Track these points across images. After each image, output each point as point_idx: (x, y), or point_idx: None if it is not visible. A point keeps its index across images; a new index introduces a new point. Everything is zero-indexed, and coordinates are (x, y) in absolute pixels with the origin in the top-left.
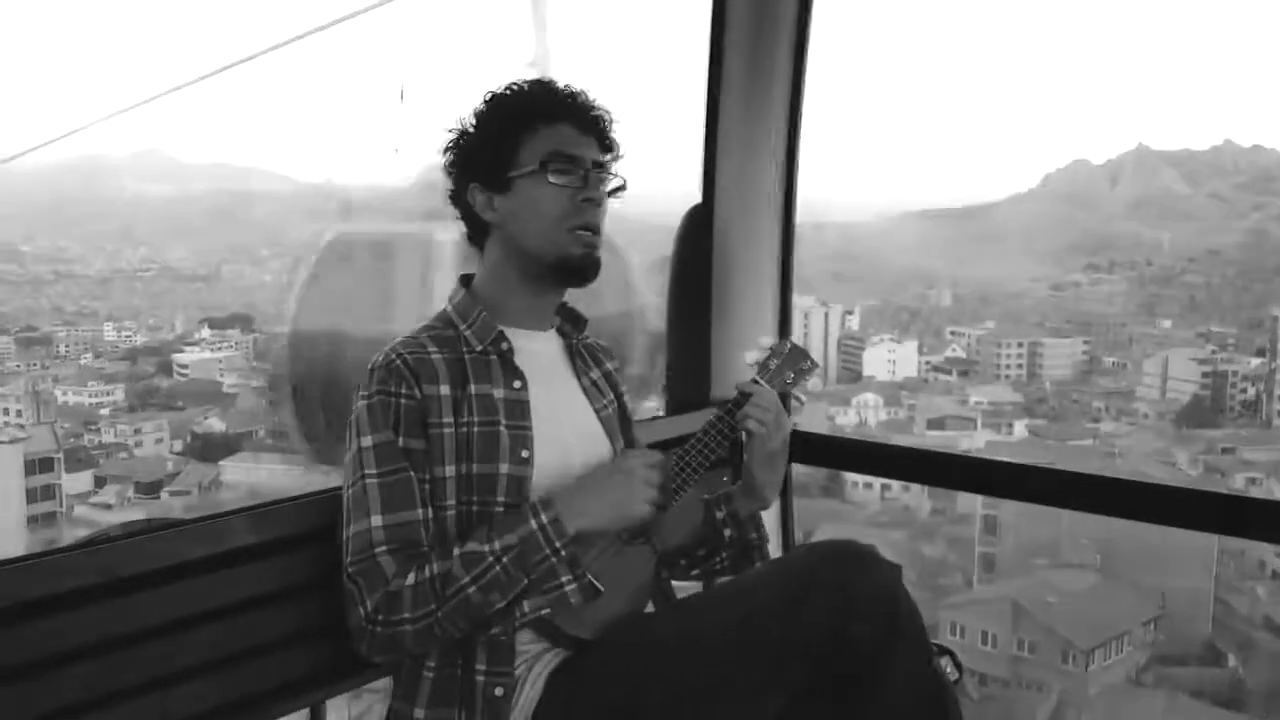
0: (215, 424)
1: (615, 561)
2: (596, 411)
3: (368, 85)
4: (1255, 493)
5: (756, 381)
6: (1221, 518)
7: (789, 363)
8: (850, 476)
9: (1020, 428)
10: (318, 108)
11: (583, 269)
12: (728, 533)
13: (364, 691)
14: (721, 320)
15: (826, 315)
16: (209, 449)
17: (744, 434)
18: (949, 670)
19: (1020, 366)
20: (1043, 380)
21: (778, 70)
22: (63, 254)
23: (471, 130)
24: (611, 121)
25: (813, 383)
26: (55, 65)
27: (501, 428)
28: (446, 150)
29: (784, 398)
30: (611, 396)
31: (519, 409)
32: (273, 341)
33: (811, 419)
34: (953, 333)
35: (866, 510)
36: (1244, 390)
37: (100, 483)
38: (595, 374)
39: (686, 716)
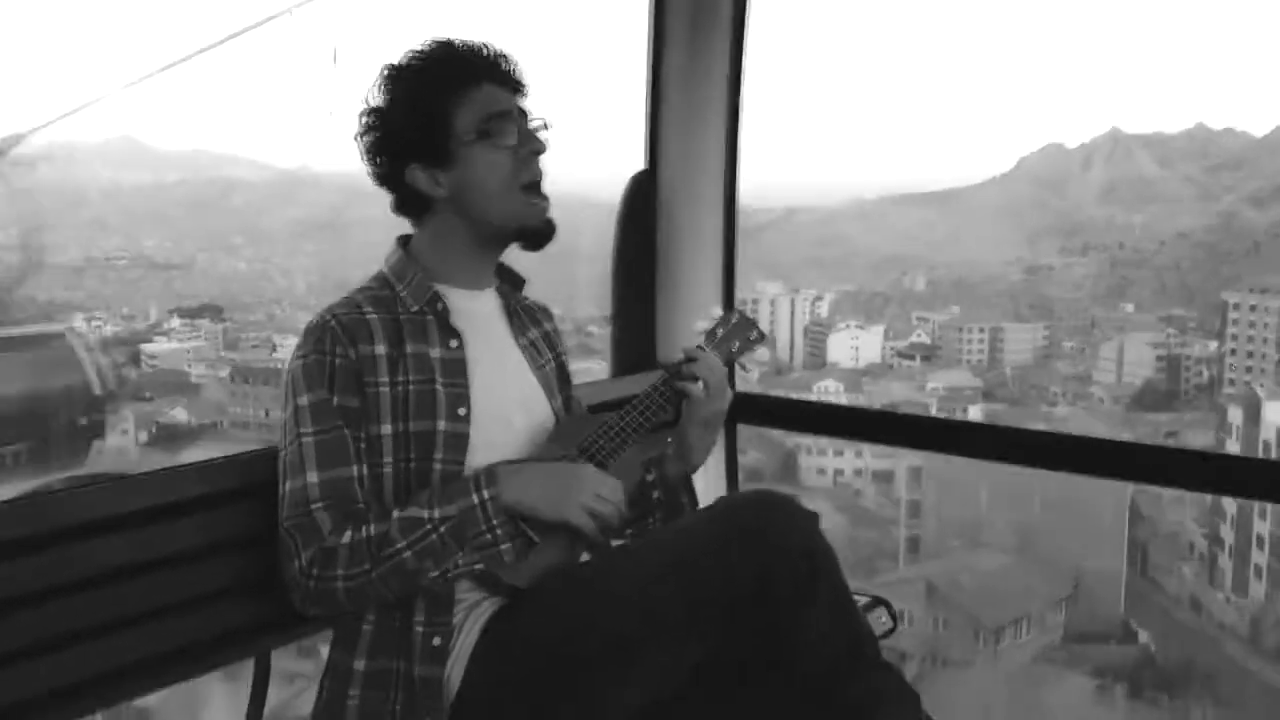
0: (180, 415)
1: (548, 534)
2: (535, 370)
3: (339, 66)
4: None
5: (702, 348)
6: (1141, 467)
7: (736, 332)
8: (804, 462)
9: (975, 411)
10: (292, 91)
11: (544, 233)
12: (656, 495)
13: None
14: (666, 284)
15: (793, 302)
16: (173, 440)
17: (683, 396)
18: (884, 620)
19: (982, 351)
20: (1003, 365)
21: (717, 36)
22: (35, 243)
23: (388, 108)
24: (518, 63)
25: (761, 354)
26: (29, 51)
27: (438, 386)
28: (365, 133)
29: (729, 367)
30: (550, 355)
31: (455, 367)
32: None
33: None
34: (918, 318)
35: (816, 495)
36: (1199, 374)
37: None
38: (534, 333)
39: (616, 659)
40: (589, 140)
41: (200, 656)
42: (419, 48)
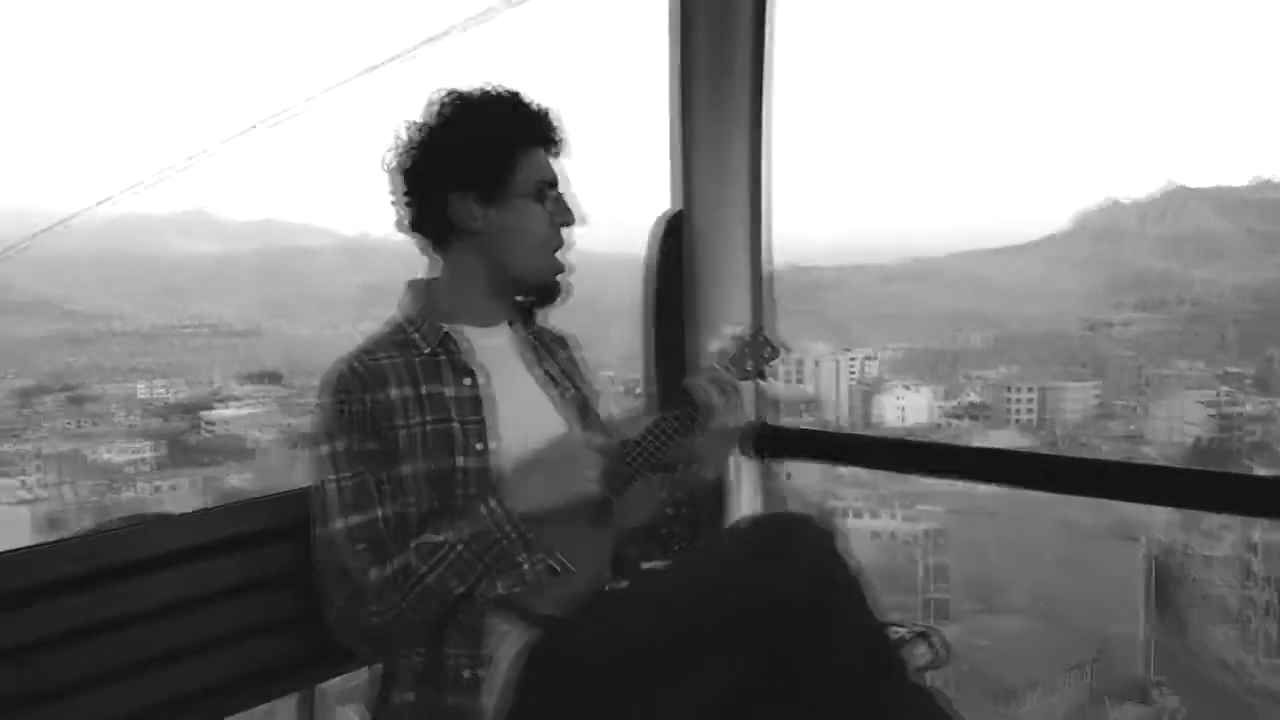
0: (235, 481)
1: (573, 540)
2: (557, 398)
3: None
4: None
5: (717, 366)
6: (1183, 490)
7: (753, 350)
8: (842, 508)
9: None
10: (353, 159)
11: (558, 294)
12: (670, 511)
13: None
14: (695, 322)
15: (838, 362)
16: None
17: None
18: (924, 652)
19: (1031, 411)
20: (1053, 424)
21: (740, 73)
22: (108, 311)
23: (449, 133)
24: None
25: (803, 391)
26: (100, 125)
27: (454, 424)
28: (414, 146)
29: (748, 381)
30: (569, 384)
31: (471, 405)
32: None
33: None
34: (967, 377)
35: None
36: (1252, 433)
37: None
38: (551, 366)
39: (642, 685)
40: (615, 186)
41: (249, 690)
42: (486, 88)
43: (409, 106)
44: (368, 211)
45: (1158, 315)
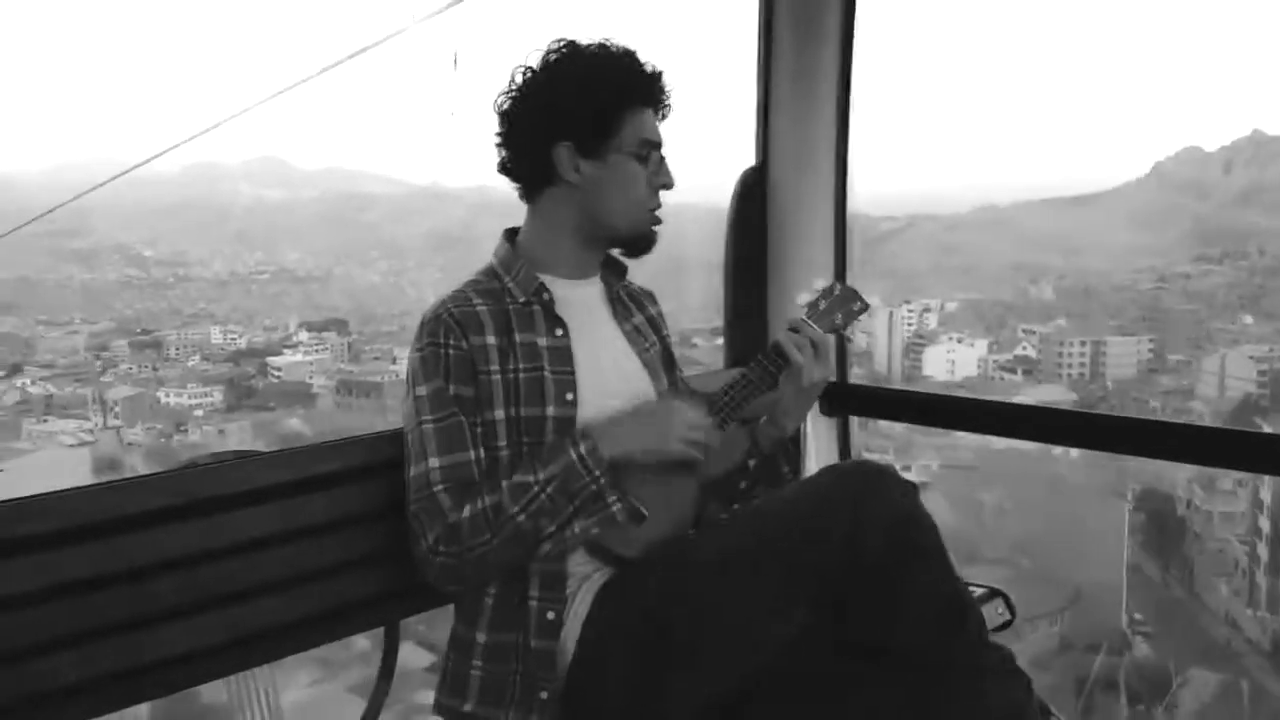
0: (296, 425)
1: (659, 487)
2: (639, 354)
3: (478, 72)
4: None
5: (804, 320)
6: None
7: (839, 304)
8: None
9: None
10: (421, 106)
11: (649, 246)
12: (751, 463)
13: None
14: (778, 280)
15: (891, 314)
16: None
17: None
18: (1001, 612)
19: (1084, 365)
20: (1105, 379)
21: (828, 29)
22: (182, 258)
23: (564, 85)
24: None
25: (864, 324)
26: (171, 73)
27: (546, 373)
28: (525, 91)
29: (836, 336)
30: (654, 339)
31: (562, 355)
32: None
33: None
34: (1024, 330)
35: None
36: None
37: None
38: (638, 318)
39: (711, 627)
40: (700, 140)
41: (334, 623)
42: (603, 42)
43: (486, 46)
44: (433, 160)
45: (1235, 267)
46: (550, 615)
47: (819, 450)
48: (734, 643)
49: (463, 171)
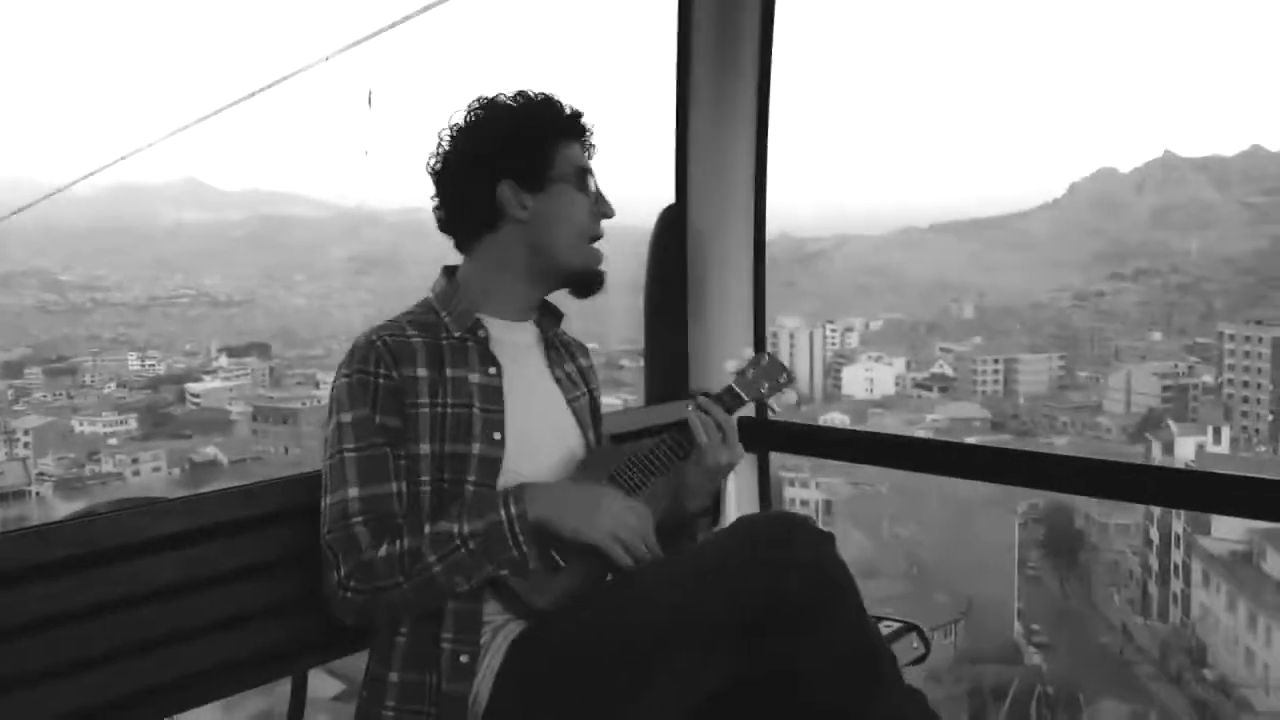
0: (213, 452)
1: (574, 555)
2: (568, 401)
3: (396, 104)
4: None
5: (732, 388)
6: (1157, 490)
7: (766, 374)
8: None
9: (973, 442)
10: (349, 130)
11: (598, 282)
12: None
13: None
14: (698, 315)
15: (810, 335)
16: (202, 477)
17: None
18: (915, 645)
19: (998, 382)
20: (1017, 396)
21: (743, 70)
22: (100, 282)
23: (493, 129)
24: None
25: (789, 396)
26: (92, 95)
27: (475, 410)
28: (455, 141)
29: (759, 406)
30: (584, 389)
31: (492, 394)
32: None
33: None
34: (941, 349)
35: None
36: (1205, 403)
37: None
38: (569, 367)
39: (634, 675)
40: (618, 165)
41: (241, 673)
42: (521, 91)
43: (404, 79)
44: (359, 183)
45: (1148, 285)
46: (464, 659)
47: (739, 485)
48: (651, 697)
49: (390, 194)
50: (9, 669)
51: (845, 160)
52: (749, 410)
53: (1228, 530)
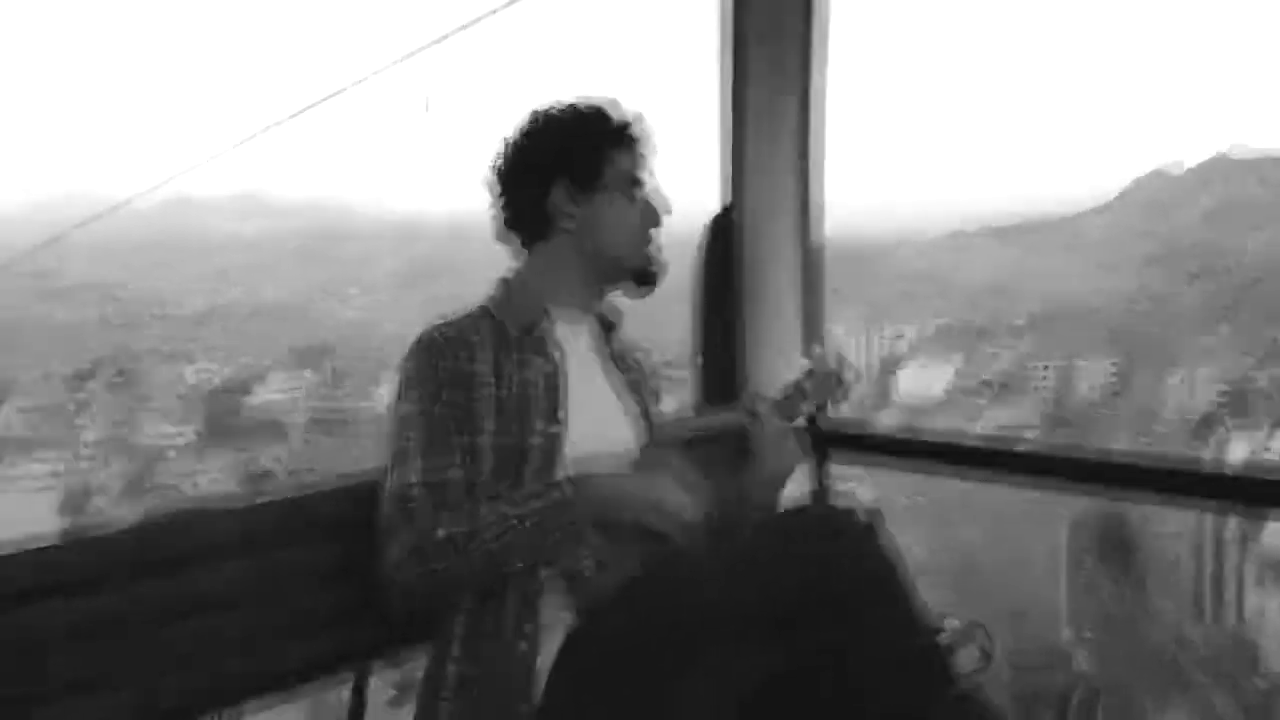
0: (267, 462)
1: (623, 535)
2: (621, 399)
3: (446, 115)
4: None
5: (790, 398)
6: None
7: (823, 384)
8: None
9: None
10: (404, 139)
11: (656, 277)
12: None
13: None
14: (749, 321)
15: (856, 341)
16: (259, 486)
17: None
18: (975, 655)
19: (1050, 386)
20: (1071, 399)
21: (793, 66)
22: (158, 294)
23: (547, 133)
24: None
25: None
26: (149, 108)
27: (535, 401)
28: (513, 148)
29: (813, 416)
30: (639, 395)
31: (552, 383)
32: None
33: None
34: (992, 353)
35: None
36: (1266, 405)
37: None
38: (625, 368)
39: (668, 671)
40: (668, 171)
41: (300, 676)
42: (575, 102)
43: (459, 88)
44: (417, 192)
45: (1204, 289)
46: (522, 646)
47: (795, 491)
48: (696, 688)
49: (442, 202)
50: (70, 675)
51: (891, 163)
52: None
53: None
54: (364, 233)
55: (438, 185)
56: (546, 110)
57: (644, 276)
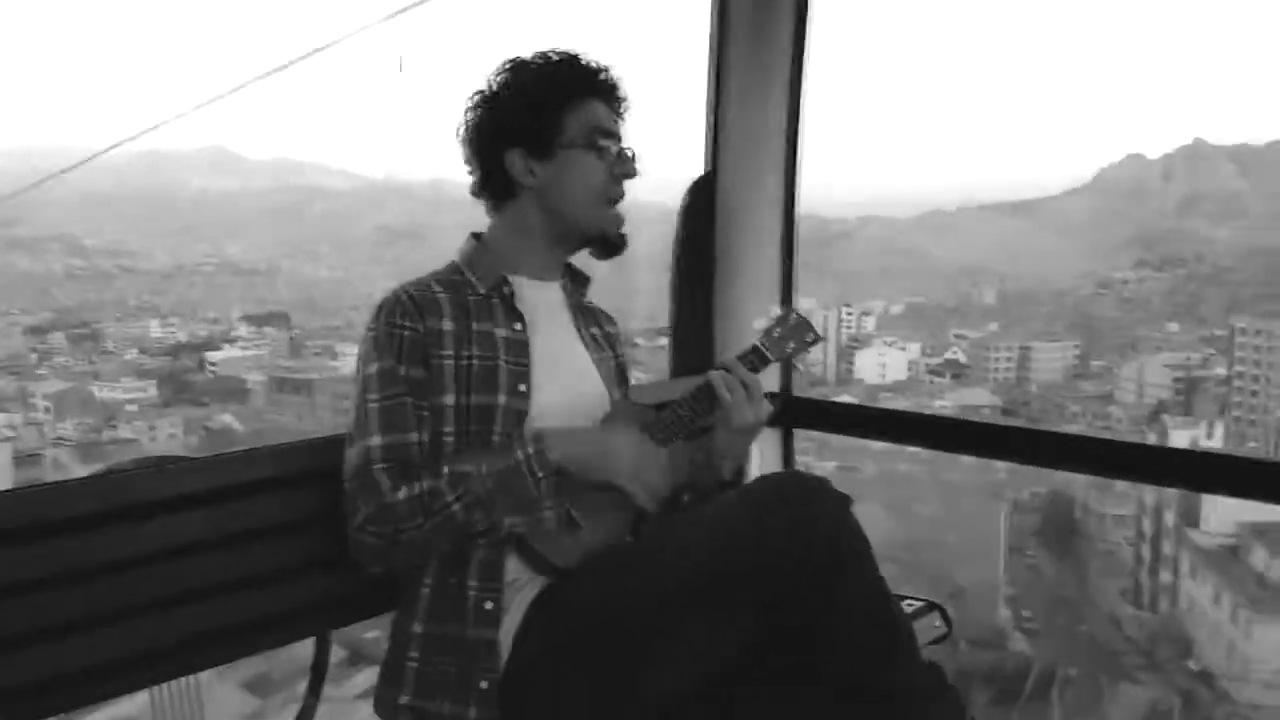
0: (228, 420)
1: (596, 497)
2: (595, 361)
3: (425, 77)
4: None
5: (757, 347)
6: (1184, 472)
7: (792, 332)
8: None
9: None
10: (377, 102)
11: (618, 245)
12: (685, 498)
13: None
14: (725, 287)
15: (824, 318)
16: (217, 445)
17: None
18: (938, 625)
19: (1010, 369)
20: (1030, 384)
21: (779, 38)
22: (125, 248)
23: (506, 95)
24: (627, 92)
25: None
26: (123, 63)
27: (501, 363)
28: (475, 109)
29: (785, 365)
30: (610, 353)
31: (518, 347)
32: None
33: None
34: (956, 335)
35: None
36: (1217, 397)
37: None
38: (596, 330)
39: (649, 641)
40: (648, 141)
41: (266, 632)
42: (546, 51)
43: (436, 51)
44: (387, 154)
45: (1174, 274)
46: (488, 605)
47: (763, 462)
48: (672, 657)
49: (417, 165)
50: (30, 623)
51: (871, 141)
52: (773, 384)
53: (1216, 524)
54: (337, 191)
55: (413, 148)
56: (507, 67)
57: (606, 241)
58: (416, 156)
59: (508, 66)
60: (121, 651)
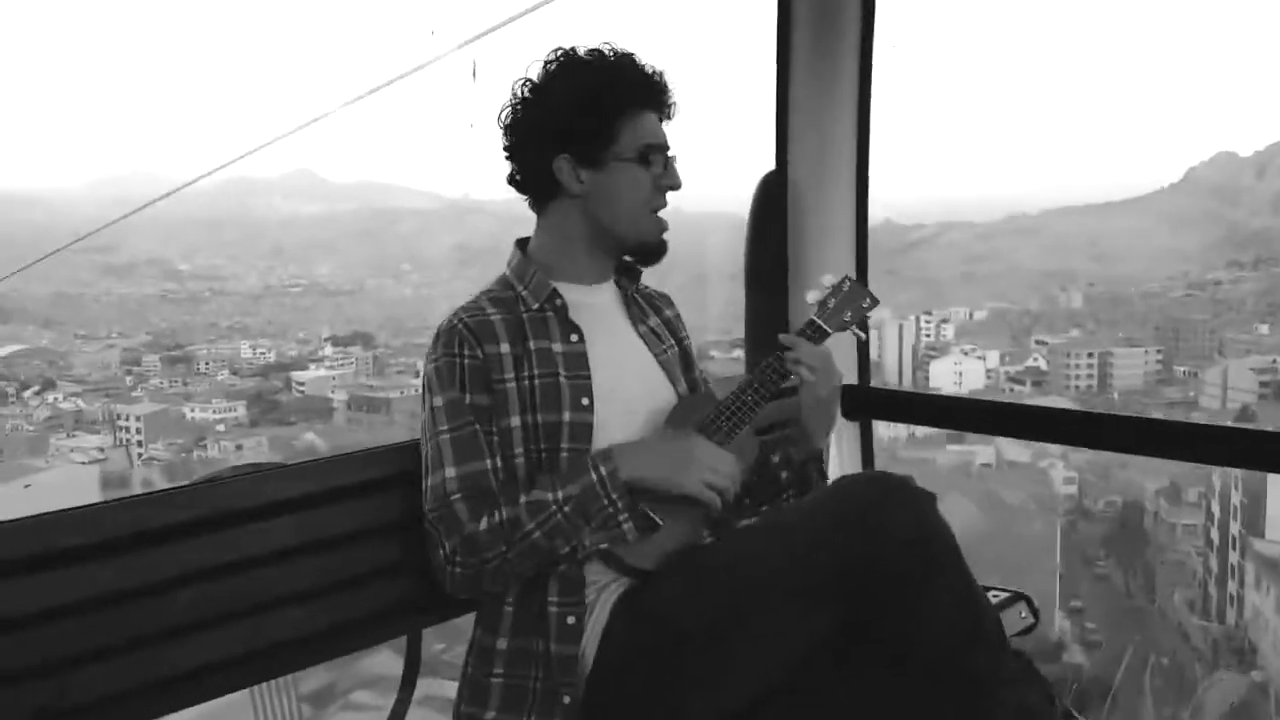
0: (312, 439)
1: (671, 498)
2: (655, 356)
3: (478, 82)
4: None
5: (814, 320)
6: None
7: (848, 300)
8: None
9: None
10: (456, 125)
11: (659, 253)
12: (784, 475)
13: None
14: (798, 284)
15: (900, 327)
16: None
17: (795, 380)
18: (1024, 616)
19: (1091, 376)
20: (1111, 391)
21: (847, 33)
22: (217, 272)
23: (558, 95)
24: (675, 99)
25: (875, 317)
26: (214, 92)
27: (561, 379)
28: (522, 103)
29: (862, 357)
30: (671, 341)
31: (577, 360)
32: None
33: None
34: (1037, 341)
35: None
36: None
37: None
38: (654, 320)
39: (730, 639)
40: (720, 147)
41: (357, 633)
42: (600, 49)
43: (510, 72)
44: (467, 175)
45: (1268, 273)
46: (570, 620)
47: (842, 453)
48: (753, 655)
49: (493, 185)
50: (134, 629)
51: (952, 144)
52: (850, 377)
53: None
54: (417, 212)
55: (488, 167)
56: (559, 60)
57: (647, 249)
58: (491, 175)
59: (559, 59)
60: (220, 654)
